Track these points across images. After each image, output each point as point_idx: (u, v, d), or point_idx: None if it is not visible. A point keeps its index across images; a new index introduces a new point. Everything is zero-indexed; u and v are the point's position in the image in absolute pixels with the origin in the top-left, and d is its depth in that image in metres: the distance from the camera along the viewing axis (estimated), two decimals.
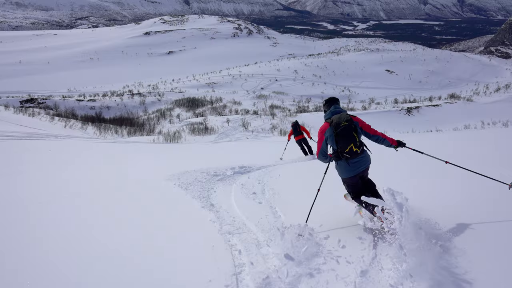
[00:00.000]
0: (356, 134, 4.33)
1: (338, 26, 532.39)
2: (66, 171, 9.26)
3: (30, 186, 7.15)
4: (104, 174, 9.02)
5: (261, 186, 7.21)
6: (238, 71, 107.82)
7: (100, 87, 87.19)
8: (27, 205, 5.68)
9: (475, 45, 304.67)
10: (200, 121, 35.62)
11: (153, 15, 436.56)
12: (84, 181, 7.94)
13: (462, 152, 9.52)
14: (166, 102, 61.32)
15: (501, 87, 77.58)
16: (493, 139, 12.49)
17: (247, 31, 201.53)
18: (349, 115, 4.44)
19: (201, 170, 8.61)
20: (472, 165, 4.83)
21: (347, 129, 4.31)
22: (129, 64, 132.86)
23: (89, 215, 5.34)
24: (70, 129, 26.37)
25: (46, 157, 11.35)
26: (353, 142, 4.31)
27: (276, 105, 57.29)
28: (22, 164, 9.76)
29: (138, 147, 15.27)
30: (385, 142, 4.58)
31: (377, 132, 4.57)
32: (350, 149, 4.33)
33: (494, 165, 6.52)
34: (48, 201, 5.94)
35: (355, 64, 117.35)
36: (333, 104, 4.66)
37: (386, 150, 5.09)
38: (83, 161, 11.39)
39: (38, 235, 4.41)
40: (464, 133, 19.44)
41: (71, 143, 14.10)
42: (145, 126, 39.78)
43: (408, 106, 46.85)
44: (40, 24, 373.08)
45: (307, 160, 10.90)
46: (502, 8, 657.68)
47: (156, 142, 21.94)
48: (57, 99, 54.68)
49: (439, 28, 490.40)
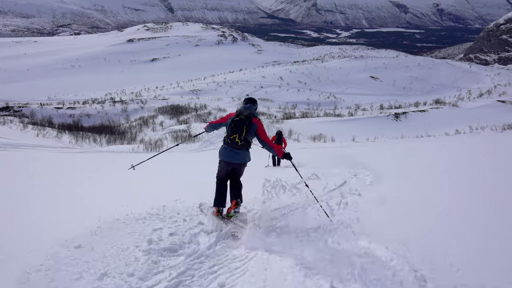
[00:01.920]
0: (245, 130, 4.82)
1: (321, 34, 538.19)
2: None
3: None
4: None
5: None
6: (223, 78, 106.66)
7: (82, 94, 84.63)
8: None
9: (455, 53, 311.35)
10: (183, 128, 34.24)
11: (136, 22, 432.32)
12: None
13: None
14: (149, 109, 59.60)
15: (483, 93, 78.60)
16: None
17: (231, 38, 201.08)
18: (252, 116, 4.99)
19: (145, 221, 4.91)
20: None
21: (241, 122, 4.83)
22: (112, 72, 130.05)
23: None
24: (43, 138, 24.69)
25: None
26: (239, 134, 4.80)
27: (261, 112, 56.26)
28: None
29: (111, 159, 13.87)
30: (272, 150, 5.08)
31: (269, 141, 5.02)
32: (233, 138, 4.83)
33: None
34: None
35: (339, 71, 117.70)
36: (249, 103, 5.33)
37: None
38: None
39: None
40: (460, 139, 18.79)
41: (28, 154, 12.60)
42: (127, 134, 38.18)
43: (396, 112, 46.53)
44: (21, 32, 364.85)
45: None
46: (479, 17, 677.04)
47: (136, 151, 20.55)
48: (34, 107, 52.37)
49: (419, 36, 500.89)
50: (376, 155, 13.54)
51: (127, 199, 5.75)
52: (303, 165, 10.02)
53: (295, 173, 5.39)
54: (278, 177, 4.76)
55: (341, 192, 6.08)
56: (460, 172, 7.71)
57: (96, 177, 8.90)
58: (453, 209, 5.04)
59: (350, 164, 9.34)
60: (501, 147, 11.52)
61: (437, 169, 8.35)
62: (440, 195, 5.94)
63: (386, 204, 5.40)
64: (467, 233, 4.10)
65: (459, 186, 6.44)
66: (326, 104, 75.95)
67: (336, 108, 68.06)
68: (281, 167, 12.84)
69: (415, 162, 10.21)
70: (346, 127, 35.18)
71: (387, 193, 6.16)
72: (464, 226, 4.34)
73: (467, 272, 3.21)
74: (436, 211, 5.01)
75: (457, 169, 8.14)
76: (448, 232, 4.15)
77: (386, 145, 19.03)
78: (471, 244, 3.78)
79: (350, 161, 9.95)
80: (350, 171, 8.73)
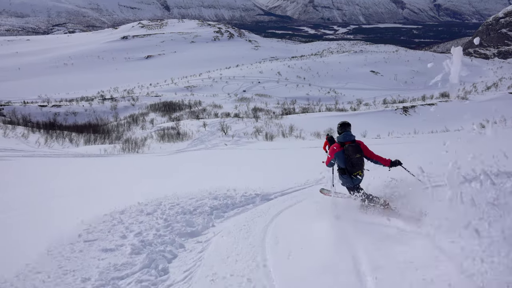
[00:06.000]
0: (363, 162, 5.36)
1: (319, 31, 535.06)
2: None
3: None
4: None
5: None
6: (219, 74, 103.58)
7: (73, 93, 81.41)
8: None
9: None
10: (172, 125, 31.04)
11: (132, 21, 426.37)
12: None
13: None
14: (141, 106, 56.53)
15: (490, 86, 75.84)
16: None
17: (228, 34, 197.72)
18: (359, 145, 5.36)
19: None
20: None
21: (360, 160, 5.30)
22: (106, 69, 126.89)
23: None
24: (5, 138, 21.59)
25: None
26: (361, 169, 5.35)
27: (259, 108, 53.34)
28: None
29: (64, 165, 10.83)
30: (379, 163, 5.40)
31: (375, 156, 5.40)
32: (357, 174, 5.35)
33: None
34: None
35: (339, 66, 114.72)
36: (345, 129, 5.56)
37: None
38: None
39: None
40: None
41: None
42: (112, 133, 35.05)
43: (404, 106, 43.48)
44: (16, 31, 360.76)
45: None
46: (476, 12, 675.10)
47: (108, 154, 17.45)
48: (17, 105, 49.16)
49: (417, 31, 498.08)
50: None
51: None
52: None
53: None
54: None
55: None
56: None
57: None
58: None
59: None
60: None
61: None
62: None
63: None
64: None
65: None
66: (327, 99, 73.07)
67: (337, 103, 65.18)
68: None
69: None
70: (353, 122, 31.87)
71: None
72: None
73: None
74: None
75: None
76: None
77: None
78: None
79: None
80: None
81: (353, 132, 5.57)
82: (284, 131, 30.74)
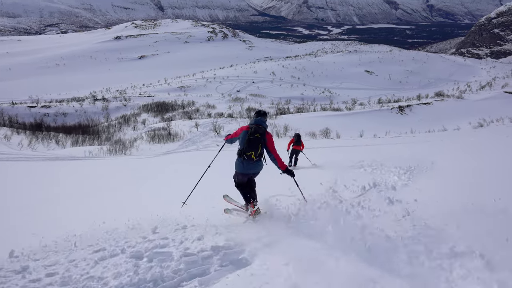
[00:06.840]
0: (260, 147, 5.36)
1: (313, 31, 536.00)
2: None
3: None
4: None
5: None
6: (212, 74, 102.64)
7: (65, 94, 79.96)
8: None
9: (447, 47, 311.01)
10: (163, 126, 30.21)
11: (126, 21, 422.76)
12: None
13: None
14: (133, 107, 55.48)
15: (484, 85, 75.86)
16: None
17: (222, 34, 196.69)
18: (265, 130, 5.48)
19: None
20: None
21: (257, 140, 5.32)
22: (98, 70, 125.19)
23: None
24: None
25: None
26: (255, 151, 5.33)
27: (253, 108, 52.61)
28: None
29: (33, 169, 10.02)
30: (275, 162, 5.49)
31: (275, 153, 5.46)
32: (250, 155, 5.33)
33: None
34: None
35: (333, 65, 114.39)
36: (259, 116, 5.66)
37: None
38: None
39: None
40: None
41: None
42: (102, 134, 34.13)
43: (400, 105, 43.02)
44: (7, 31, 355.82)
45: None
46: (468, 12, 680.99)
47: (93, 157, 16.62)
48: (4, 106, 47.89)
49: (410, 32, 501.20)
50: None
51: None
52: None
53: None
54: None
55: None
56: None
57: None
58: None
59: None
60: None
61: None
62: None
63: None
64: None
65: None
66: (321, 99, 72.60)
67: (332, 103, 64.68)
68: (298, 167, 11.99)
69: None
70: (348, 122, 31.53)
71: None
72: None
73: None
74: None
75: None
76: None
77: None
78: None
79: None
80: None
81: (351, 132, 5.59)
82: (279, 131, 30.07)
